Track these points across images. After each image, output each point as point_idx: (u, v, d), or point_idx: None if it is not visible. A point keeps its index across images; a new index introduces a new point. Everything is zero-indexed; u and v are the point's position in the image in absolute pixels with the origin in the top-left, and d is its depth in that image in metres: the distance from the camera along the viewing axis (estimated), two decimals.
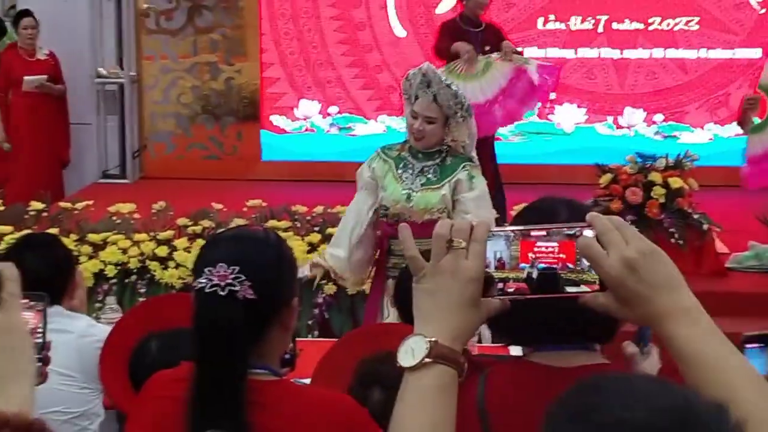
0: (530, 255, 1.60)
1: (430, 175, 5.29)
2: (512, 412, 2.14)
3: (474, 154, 5.42)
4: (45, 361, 2.78)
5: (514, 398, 2.15)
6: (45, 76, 10.13)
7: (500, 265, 1.60)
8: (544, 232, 1.59)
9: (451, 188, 5.27)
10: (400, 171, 5.34)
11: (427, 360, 1.56)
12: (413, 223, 5.09)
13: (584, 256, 1.56)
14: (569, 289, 1.58)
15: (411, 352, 1.57)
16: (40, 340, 2.75)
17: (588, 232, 1.57)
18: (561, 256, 1.59)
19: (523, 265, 1.60)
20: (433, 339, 1.57)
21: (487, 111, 8.49)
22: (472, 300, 1.59)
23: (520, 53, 9.06)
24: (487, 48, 8.66)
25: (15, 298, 1.27)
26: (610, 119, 10.99)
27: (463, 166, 5.30)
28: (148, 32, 11.29)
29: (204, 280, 2.39)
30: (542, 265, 1.59)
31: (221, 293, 2.37)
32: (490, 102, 8.55)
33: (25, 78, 10.00)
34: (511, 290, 1.60)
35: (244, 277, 2.37)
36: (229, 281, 2.37)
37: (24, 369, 1.26)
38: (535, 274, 1.59)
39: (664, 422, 1.16)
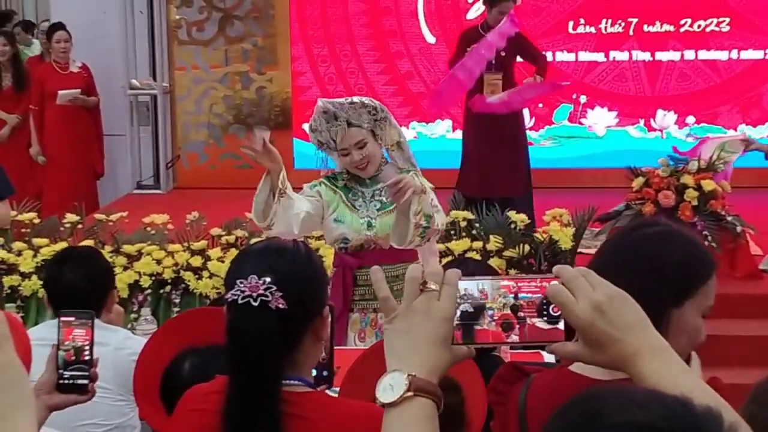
0: (512, 286, 1.66)
1: (382, 198, 4.97)
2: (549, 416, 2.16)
3: (411, 153, 5.13)
4: (93, 378, 2.82)
5: (552, 405, 2.16)
6: (79, 90, 10.21)
7: (483, 296, 1.66)
8: (513, 283, 1.66)
9: None
10: (351, 200, 5.00)
11: (408, 394, 1.61)
12: (380, 250, 4.90)
13: (554, 301, 1.62)
14: (556, 316, 1.64)
15: (390, 388, 1.62)
16: (89, 357, 2.80)
17: (555, 283, 1.63)
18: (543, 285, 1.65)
19: (507, 293, 1.65)
20: (411, 373, 1.62)
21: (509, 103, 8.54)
22: (444, 339, 1.65)
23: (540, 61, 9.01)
24: (503, 54, 8.60)
25: (5, 338, 1.30)
26: (641, 122, 10.96)
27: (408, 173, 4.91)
28: (180, 43, 11.37)
29: (236, 292, 2.42)
30: (527, 295, 1.65)
31: (254, 304, 2.40)
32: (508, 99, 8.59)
33: (60, 92, 10.08)
34: (497, 318, 1.65)
35: (275, 288, 2.41)
36: (261, 292, 2.40)
37: (23, 402, 1.29)
38: (521, 303, 1.65)
39: (666, 423, 1.20)
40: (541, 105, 10.91)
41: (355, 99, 5.02)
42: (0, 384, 1.28)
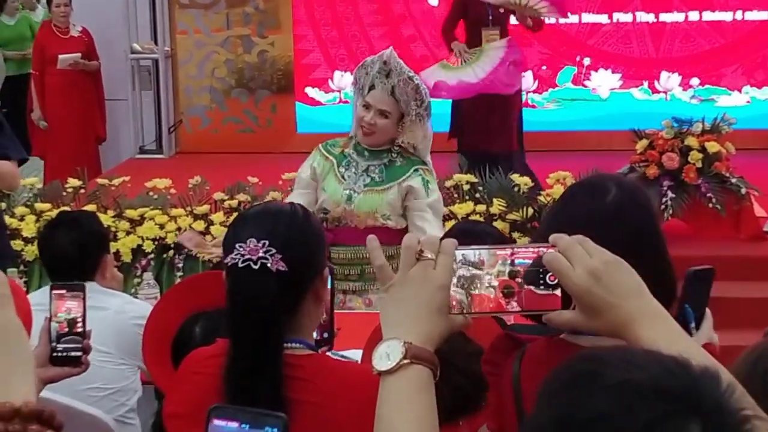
0: (509, 254, 1.65)
1: (375, 176, 4.82)
2: None
3: (428, 158, 4.95)
4: (86, 349, 2.81)
5: (547, 373, 2.16)
6: (79, 54, 10.16)
7: (480, 262, 1.65)
8: (508, 251, 1.65)
9: (401, 194, 4.81)
10: (342, 169, 4.85)
11: (404, 361, 1.61)
12: (355, 228, 4.75)
13: (551, 268, 1.62)
14: (553, 287, 1.64)
15: (386, 356, 1.62)
16: (81, 329, 2.79)
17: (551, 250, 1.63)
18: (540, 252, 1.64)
19: (505, 260, 1.65)
20: (407, 341, 1.62)
21: (486, 84, 8.43)
22: (440, 308, 1.65)
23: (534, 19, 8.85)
24: (501, 11, 8.55)
25: (5, 297, 1.29)
26: (645, 84, 10.90)
27: (416, 170, 4.84)
28: (182, 6, 11.30)
29: (236, 256, 2.42)
30: (524, 261, 1.64)
31: (254, 267, 2.40)
32: (484, 78, 8.45)
33: (60, 56, 10.04)
34: (495, 284, 1.64)
35: (275, 250, 2.40)
36: (261, 255, 2.41)
37: (24, 363, 1.29)
38: (518, 271, 1.64)
39: (666, 382, 1.20)
40: (545, 68, 10.86)
41: (416, 78, 4.85)
42: (0, 345, 1.27)
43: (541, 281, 1.63)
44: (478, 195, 7.48)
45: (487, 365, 2.37)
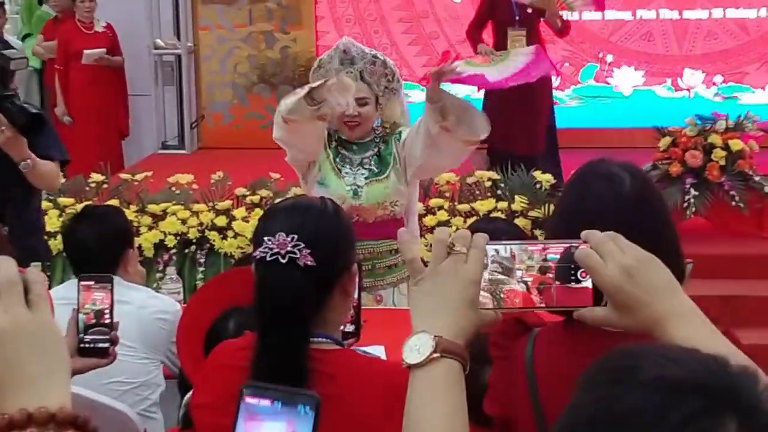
0: (541, 249, 1.65)
1: (371, 167, 4.73)
2: (560, 373, 2.15)
3: (408, 120, 4.85)
4: (114, 341, 2.82)
5: (563, 360, 2.16)
6: (104, 50, 10.19)
7: (512, 257, 1.65)
8: (540, 246, 1.65)
9: (399, 164, 4.71)
10: (338, 164, 4.75)
11: (434, 355, 1.60)
12: (364, 223, 4.59)
13: (583, 265, 1.62)
14: (584, 282, 1.64)
15: (416, 349, 1.61)
16: (109, 320, 2.80)
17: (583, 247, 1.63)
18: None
19: (536, 256, 1.65)
20: (437, 335, 1.61)
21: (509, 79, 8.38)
22: (471, 302, 1.64)
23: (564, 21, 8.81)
24: (529, 11, 8.52)
25: (42, 299, 1.30)
26: (668, 81, 10.86)
27: (396, 140, 4.75)
28: (204, 2, 11.31)
29: (265, 249, 2.43)
30: (554, 256, 1.64)
31: (282, 261, 2.41)
32: (505, 79, 8.40)
33: (85, 52, 10.07)
34: (529, 280, 1.64)
35: (303, 245, 2.41)
36: (289, 249, 2.41)
37: (59, 367, 1.29)
38: (550, 266, 1.65)
39: (704, 378, 1.19)
40: (567, 64, 10.83)
41: (379, 55, 4.82)
42: (35, 346, 1.27)
43: (573, 277, 1.63)
44: (499, 192, 7.47)
45: (495, 348, 2.35)
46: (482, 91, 8.91)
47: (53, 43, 10.34)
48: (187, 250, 7.34)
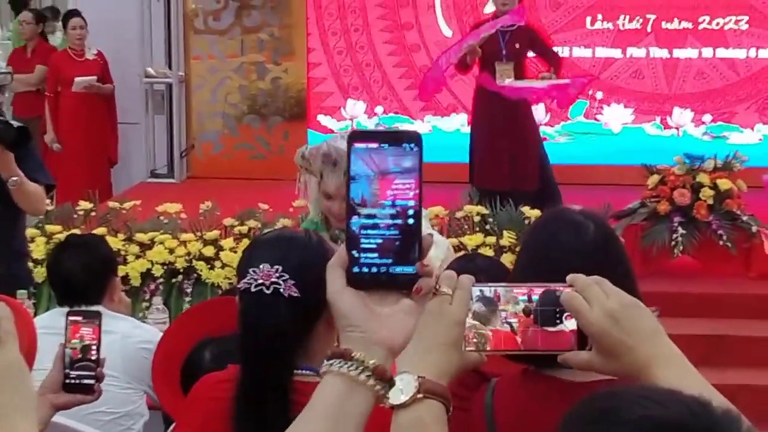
0: (525, 291, 1.66)
1: None
2: (523, 423, 2.17)
3: None
4: (99, 378, 2.80)
5: (525, 409, 2.17)
6: (95, 77, 10.21)
7: (497, 299, 1.66)
8: (525, 289, 1.65)
9: None
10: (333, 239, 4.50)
11: (418, 396, 1.60)
12: None
13: (568, 308, 1.62)
14: (566, 323, 1.64)
15: (399, 389, 1.60)
16: (96, 356, 2.78)
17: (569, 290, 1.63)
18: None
19: (520, 297, 1.65)
20: (421, 375, 1.61)
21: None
22: (455, 343, 1.65)
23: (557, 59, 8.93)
24: (517, 46, 8.58)
25: (10, 335, 1.29)
26: (658, 119, 10.91)
27: None
28: (197, 32, 11.35)
29: (249, 280, 2.43)
30: (537, 298, 1.65)
31: (266, 292, 2.41)
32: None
33: (76, 79, 10.08)
34: (513, 321, 1.64)
35: (287, 276, 2.41)
36: (274, 280, 2.41)
37: (26, 404, 1.28)
38: (534, 308, 1.65)
39: (687, 420, 1.19)
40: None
41: None
42: (1, 385, 1.26)
43: (557, 320, 1.63)
44: (488, 227, 7.47)
45: (453, 399, 2.35)
46: (468, 129, 8.97)
47: (26, 76, 10.38)
48: (174, 280, 7.32)
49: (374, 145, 1.42)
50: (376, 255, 1.42)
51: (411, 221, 1.41)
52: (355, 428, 1.41)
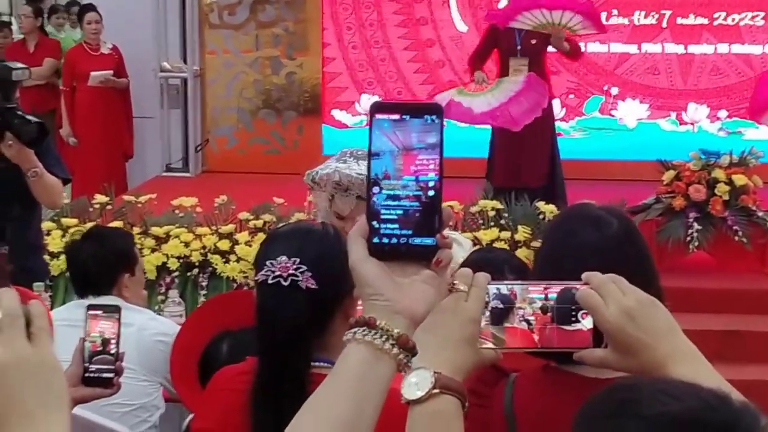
0: (541, 289, 1.67)
1: None
2: (543, 418, 2.17)
3: None
4: (118, 371, 2.81)
5: (545, 405, 2.17)
6: (110, 71, 10.23)
7: (512, 295, 1.67)
8: (541, 287, 1.67)
9: None
10: None
11: (433, 391, 1.60)
12: None
13: (585, 306, 1.62)
14: (583, 322, 1.65)
15: (415, 385, 1.61)
16: (115, 350, 2.79)
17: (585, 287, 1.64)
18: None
19: (537, 296, 1.66)
20: (437, 371, 1.61)
21: (495, 115, 8.39)
22: (470, 339, 1.65)
23: (571, 41, 8.83)
24: (533, 42, 8.56)
25: (44, 332, 1.29)
26: (673, 115, 10.88)
27: None
28: (212, 27, 11.36)
29: (266, 272, 2.43)
30: (555, 296, 1.66)
31: (284, 284, 2.41)
32: (495, 108, 8.39)
33: (92, 74, 10.10)
34: (530, 319, 1.65)
35: (305, 268, 2.41)
36: (291, 272, 2.41)
37: (59, 402, 1.28)
38: (551, 306, 1.66)
39: (705, 415, 1.19)
40: (572, 96, 10.86)
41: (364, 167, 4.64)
42: (35, 381, 1.26)
43: (573, 318, 1.64)
44: (503, 221, 7.47)
45: (471, 396, 2.36)
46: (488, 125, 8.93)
47: (36, 70, 10.39)
48: (189, 273, 7.34)
49: (396, 117, 1.43)
50: (396, 226, 1.43)
51: (432, 193, 1.42)
52: (378, 396, 1.41)
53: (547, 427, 2.16)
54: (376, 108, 1.44)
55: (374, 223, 1.43)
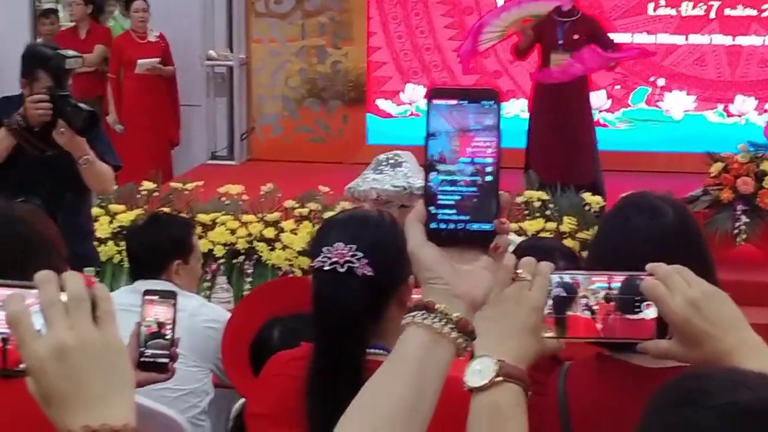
0: (605, 279, 1.66)
1: None
2: (597, 406, 2.16)
3: None
4: (173, 357, 2.83)
5: (600, 393, 2.17)
6: (158, 59, 10.30)
7: (575, 284, 1.67)
8: (605, 277, 1.66)
9: None
10: None
11: (497, 379, 1.62)
12: None
13: (650, 296, 1.61)
14: (646, 312, 1.63)
15: (478, 372, 1.62)
16: (170, 335, 2.81)
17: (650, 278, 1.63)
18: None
19: (600, 285, 1.65)
20: (500, 359, 1.62)
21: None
22: (533, 328, 1.66)
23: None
24: (576, 37, 8.55)
25: (109, 316, 1.30)
26: (720, 107, 10.80)
27: None
28: (258, 15, 11.40)
29: (323, 259, 2.44)
30: (618, 285, 1.65)
31: (340, 270, 2.42)
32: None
33: (139, 61, 10.17)
34: (594, 308, 1.65)
35: (361, 255, 2.42)
36: (348, 259, 2.42)
37: (124, 385, 1.29)
38: (614, 296, 1.65)
39: None
40: (618, 87, 10.81)
41: (417, 185, 4.38)
42: (100, 363, 1.27)
43: (636, 309, 1.63)
44: (548, 212, 7.46)
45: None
46: (527, 114, 8.94)
47: (85, 57, 10.44)
48: (235, 261, 7.36)
49: (453, 102, 1.42)
50: (453, 211, 1.42)
51: (489, 178, 1.41)
52: (437, 379, 1.42)
53: (602, 415, 2.17)
54: (434, 94, 1.44)
55: (431, 208, 1.43)
